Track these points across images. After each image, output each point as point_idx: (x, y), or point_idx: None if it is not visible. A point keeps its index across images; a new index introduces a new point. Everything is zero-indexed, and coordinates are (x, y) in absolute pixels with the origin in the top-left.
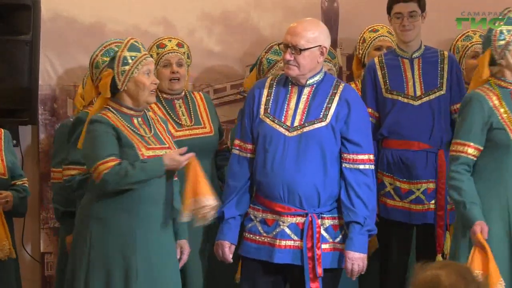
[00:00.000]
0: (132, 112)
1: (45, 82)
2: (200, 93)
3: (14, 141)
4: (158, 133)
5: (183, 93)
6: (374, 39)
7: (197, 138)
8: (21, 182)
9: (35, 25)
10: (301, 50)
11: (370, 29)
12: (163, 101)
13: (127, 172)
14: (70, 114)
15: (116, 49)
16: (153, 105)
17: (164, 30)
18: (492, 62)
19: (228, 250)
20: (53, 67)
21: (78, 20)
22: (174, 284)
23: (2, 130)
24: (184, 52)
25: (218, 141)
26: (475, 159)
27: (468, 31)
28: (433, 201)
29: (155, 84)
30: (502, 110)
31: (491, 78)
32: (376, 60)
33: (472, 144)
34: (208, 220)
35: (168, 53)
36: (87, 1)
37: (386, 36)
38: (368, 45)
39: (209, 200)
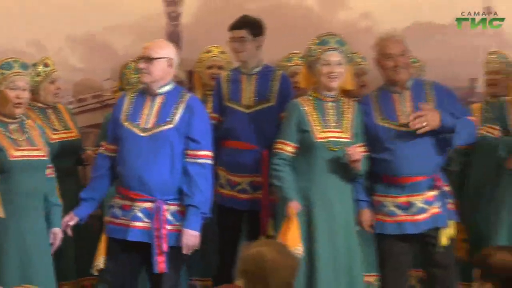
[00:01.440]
0: (8, 120)
1: None
2: (62, 105)
3: None
4: (32, 137)
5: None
6: (207, 60)
7: (68, 140)
8: None
9: None
10: (152, 59)
11: (205, 50)
12: (40, 110)
13: None
14: None
15: None
16: (32, 115)
17: (36, 50)
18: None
19: (66, 217)
20: None
21: None
22: (45, 266)
23: None
24: None
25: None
26: (292, 155)
27: (291, 54)
28: (259, 192)
29: (19, 98)
30: (312, 116)
31: (312, 90)
32: (224, 74)
33: (289, 143)
34: None
35: (55, 71)
36: None
37: (217, 56)
38: (202, 65)
39: None
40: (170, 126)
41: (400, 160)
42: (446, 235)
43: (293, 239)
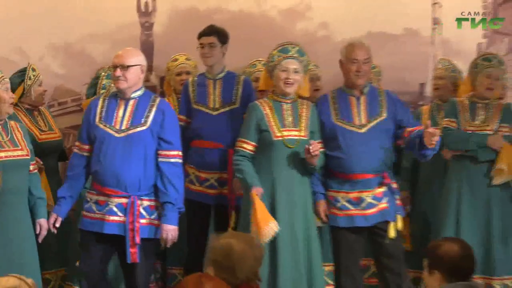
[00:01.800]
0: None
1: None
2: (45, 108)
3: None
4: (15, 138)
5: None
6: (175, 68)
7: (53, 141)
8: None
9: None
10: (128, 67)
11: (172, 59)
12: (27, 111)
13: None
14: None
15: None
16: (21, 115)
17: (20, 57)
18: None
19: (51, 219)
20: None
21: None
22: (31, 257)
23: None
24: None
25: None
26: (252, 153)
27: (255, 61)
28: (225, 187)
29: (13, 98)
30: (271, 117)
31: (271, 93)
32: (190, 79)
33: (248, 141)
34: None
35: (41, 75)
36: None
37: (184, 63)
38: (171, 72)
39: None
40: (144, 127)
41: (353, 158)
42: (394, 228)
43: (264, 217)
